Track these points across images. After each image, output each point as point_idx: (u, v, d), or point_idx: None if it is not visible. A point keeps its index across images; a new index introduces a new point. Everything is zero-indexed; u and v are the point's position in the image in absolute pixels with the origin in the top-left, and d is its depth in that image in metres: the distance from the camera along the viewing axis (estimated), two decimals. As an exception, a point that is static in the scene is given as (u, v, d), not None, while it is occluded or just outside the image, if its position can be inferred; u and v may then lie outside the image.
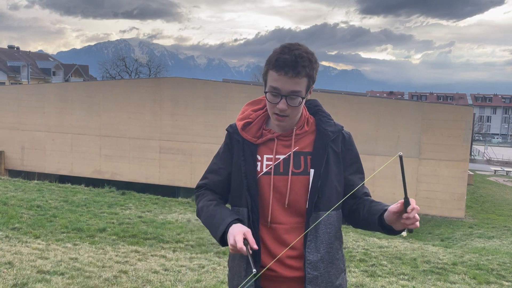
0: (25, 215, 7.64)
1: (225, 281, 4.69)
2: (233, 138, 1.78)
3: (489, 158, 48.44)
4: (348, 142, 1.77)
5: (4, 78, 52.61)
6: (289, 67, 1.57)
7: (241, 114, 1.82)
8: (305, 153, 1.72)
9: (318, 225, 1.66)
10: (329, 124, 1.76)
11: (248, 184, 1.69)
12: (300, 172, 1.69)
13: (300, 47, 1.61)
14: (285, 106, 1.63)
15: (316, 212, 1.66)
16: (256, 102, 1.84)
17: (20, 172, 19.29)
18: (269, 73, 1.64)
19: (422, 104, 18.96)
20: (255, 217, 1.69)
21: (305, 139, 1.74)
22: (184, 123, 18.17)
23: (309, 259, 1.66)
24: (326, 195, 1.67)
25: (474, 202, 18.35)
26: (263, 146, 1.74)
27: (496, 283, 5.47)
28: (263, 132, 1.75)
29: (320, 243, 1.67)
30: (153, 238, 6.79)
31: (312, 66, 1.62)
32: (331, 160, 1.70)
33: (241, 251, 1.54)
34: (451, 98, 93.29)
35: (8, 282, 3.96)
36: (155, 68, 60.40)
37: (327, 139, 1.72)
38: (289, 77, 1.58)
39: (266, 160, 1.72)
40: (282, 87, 1.61)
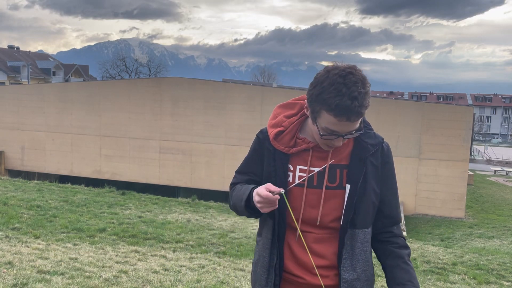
0: (25, 215, 7.64)
1: (225, 281, 4.69)
2: (263, 145, 1.69)
3: (489, 158, 48.43)
4: (386, 155, 1.66)
5: (4, 78, 52.61)
6: (352, 114, 1.43)
7: (272, 119, 1.71)
8: (341, 166, 1.61)
9: (355, 243, 1.59)
10: (369, 136, 1.64)
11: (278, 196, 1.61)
12: (335, 187, 1.59)
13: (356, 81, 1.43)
14: (341, 143, 1.54)
15: (352, 230, 1.58)
16: (289, 106, 1.71)
17: (20, 172, 19.30)
18: (323, 114, 1.47)
19: (422, 104, 18.98)
20: (281, 230, 1.64)
21: (342, 151, 1.62)
22: (184, 123, 18.17)
23: (345, 277, 1.59)
24: (363, 212, 1.58)
25: (474, 202, 18.34)
26: (296, 156, 1.64)
27: (496, 283, 5.47)
28: (297, 141, 1.64)
29: (357, 262, 1.61)
30: (153, 238, 6.79)
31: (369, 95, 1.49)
32: (369, 174, 1.59)
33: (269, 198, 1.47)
34: (451, 98, 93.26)
35: (8, 282, 3.96)
36: (155, 68, 60.44)
37: (367, 153, 1.60)
38: (350, 122, 1.45)
39: (299, 171, 1.62)
40: (342, 130, 1.48)
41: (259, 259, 1.70)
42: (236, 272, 5.13)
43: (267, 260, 1.66)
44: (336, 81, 1.42)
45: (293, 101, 1.71)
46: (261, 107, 17.00)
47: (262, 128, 1.74)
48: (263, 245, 1.69)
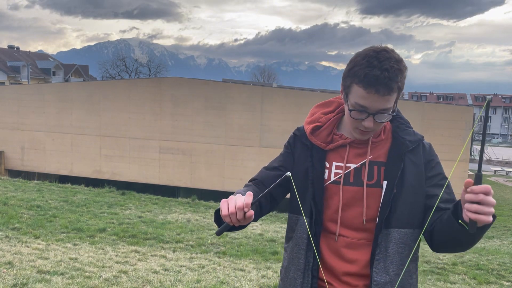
0: (25, 215, 7.64)
1: (225, 281, 4.68)
2: (300, 141, 1.64)
3: (489, 158, 48.43)
4: (429, 153, 1.58)
5: (4, 78, 52.61)
6: (380, 85, 1.38)
7: (309, 117, 1.67)
8: (379, 163, 1.54)
9: (389, 244, 1.49)
10: (408, 133, 1.58)
11: (314, 192, 1.55)
12: (373, 184, 1.52)
13: (389, 57, 1.40)
14: (371, 124, 1.45)
15: (387, 229, 1.49)
16: (327, 105, 1.68)
17: (20, 172, 19.30)
18: (353, 88, 1.44)
19: (422, 104, 18.97)
20: (318, 229, 1.56)
21: (380, 148, 1.56)
22: (184, 123, 18.17)
23: (376, 280, 1.48)
24: (399, 210, 1.49)
25: (474, 202, 18.33)
26: (333, 153, 1.58)
27: (496, 283, 5.47)
28: (333, 137, 1.59)
29: (390, 264, 1.49)
30: (153, 238, 6.79)
31: (403, 76, 1.43)
32: (408, 171, 1.51)
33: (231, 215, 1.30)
34: (451, 98, 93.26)
35: (8, 282, 3.96)
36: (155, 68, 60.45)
37: (404, 149, 1.53)
38: (380, 95, 1.39)
39: (335, 168, 1.56)
40: (371, 105, 1.42)
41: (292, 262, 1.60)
42: (236, 272, 5.13)
43: (302, 262, 1.57)
44: (369, 55, 1.41)
45: (331, 99, 1.70)
46: (261, 107, 17.00)
47: (299, 126, 1.70)
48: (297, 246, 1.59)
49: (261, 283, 4.71)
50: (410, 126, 1.63)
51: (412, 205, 1.51)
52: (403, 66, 1.42)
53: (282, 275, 1.68)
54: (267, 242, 7.23)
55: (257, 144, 16.64)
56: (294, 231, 1.62)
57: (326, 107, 1.68)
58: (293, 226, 1.62)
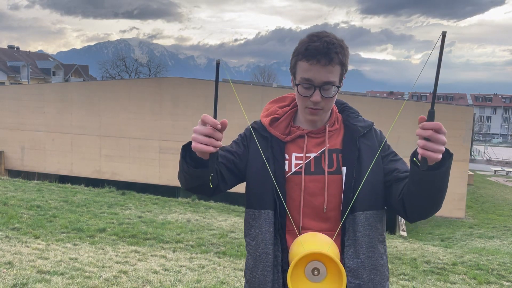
0: (25, 215, 7.64)
1: (225, 281, 4.68)
2: (258, 134, 1.62)
3: (489, 158, 48.44)
4: (380, 136, 1.65)
5: (4, 78, 52.63)
6: (321, 55, 1.44)
7: (265, 111, 1.69)
8: (336, 150, 1.57)
9: (356, 227, 1.50)
10: (358, 120, 1.65)
11: (277, 185, 1.52)
12: (333, 171, 1.54)
13: (328, 34, 1.49)
14: (319, 98, 1.49)
15: (352, 214, 1.50)
16: (281, 100, 1.71)
17: (20, 172, 19.30)
18: (298, 65, 1.50)
19: (422, 104, 18.97)
20: (283, 222, 1.53)
21: (336, 137, 1.61)
22: (184, 123, 18.17)
23: (348, 265, 1.48)
24: (361, 193, 1.50)
25: (474, 202, 18.35)
26: (292, 144, 1.60)
27: (496, 283, 5.47)
28: (291, 129, 1.61)
29: (360, 247, 1.49)
30: (153, 238, 6.79)
31: (344, 52, 1.49)
32: (364, 155, 1.55)
33: (208, 123, 1.39)
34: (451, 98, 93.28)
35: (8, 282, 3.96)
36: (155, 68, 60.44)
37: (357, 134, 1.58)
38: (322, 65, 1.45)
39: (295, 158, 1.57)
40: (315, 77, 1.47)
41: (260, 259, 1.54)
42: (236, 272, 5.13)
43: (271, 257, 1.52)
44: (310, 34, 1.51)
45: (285, 95, 1.72)
46: (261, 107, 16.90)
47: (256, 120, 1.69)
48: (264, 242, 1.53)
49: (261, 283, 4.71)
50: (360, 115, 1.69)
51: (373, 187, 1.53)
52: (344, 44, 1.50)
53: (248, 277, 1.61)
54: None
55: (257, 144, 16.62)
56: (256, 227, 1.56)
57: (281, 102, 1.71)
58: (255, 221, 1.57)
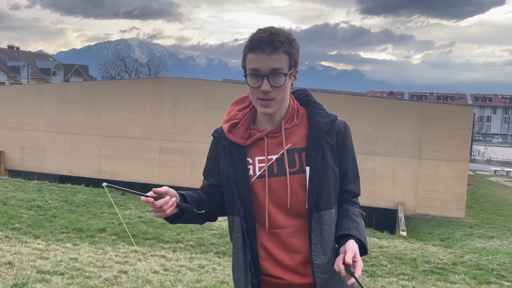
0: (25, 215, 7.64)
1: (225, 281, 4.69)
2: (219, 143, 1.66)
3: (489, 158, 48.44)
4: (343, 134, 1.64)
5: (4, 78, 52.62)
6: (265, 44, 1.47)
7: (226, 116, 1.70)
8: (298, 149, 1.59)
9: (322, 226, 1.55)
10: (321, 115, 1.63)
11: (239, 191, 1.58)
12: (296, 171, 1.57)
13: (275, 28, 1.53)
14: (268, 87, 1.50)
15: (318, 212, 1.55)
16: (241, 101, 1.72)
17: (20, 172, 19.30)
18: (246, 58, 1.53)
19: (422, 104, 18.97)
20: (250, 226, 1.60)
21: (297, 134, 1.61)
22: (184, 123, 18.17)
23: (317, 262, 1.55)
24: (325, 192, 1.56)
25: (474, 202, 18.34)
26: (254, 147, 1.61)
27: (496, 283, 5.47)
28: (251, 132, 1.62)
29: (326, 245, 1.56)
30: (153, 238, 6.79)
31: (291, 44, 1.51)
32: (327, 154, 1.58)
33: (147, 202, 1.51)
34: (451, 98, 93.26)
35: (8, 282, 3.96)
36: (155, 68, 60.42)
37: (321, 132, 1.59)
38: (266, 54, 1.48)
39: (258, 162, 1.59)
40: (261, 66, 1.49)
41: (234, 262, 1.67)
42: (236, 272, 5.13)
43: (242, 260, 1.61)
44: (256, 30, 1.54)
45: (245, 95, 1.71)
46: (261, 107, 17.01)
47: (217, 128, 1.72)
48: (235, 246, 1.65)
49: (261, 283, 4.71)
50: (323, 109, 1.68)
51: (334, 186, 1.61)
52: (291, 37, 1.53)
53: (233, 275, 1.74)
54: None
55: (257, 144, 16.62)
56: (232, 231, 1.67)
57: (241, 103, 1.71)
58: (231, 225, 1.67)
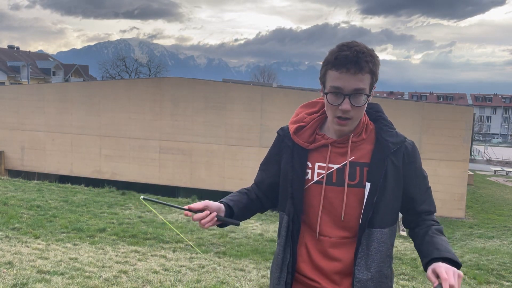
0: (25, 215, 7.64)
1: (225, 281, 4.69)
2: (283, 142, 1.69)
3: (489, 158, 48.45)
4: (411, 154, 1.62)
5: (4, 78, 52.62)
6: (351, 63, 1.46)
7: (294, 117, 1.71)
8: (361, 163, 1.59)
9: (371, 243, 1.57)
10: (391, 134, 1.62)
11: (293, 192, 1.62)
12: (355, 184, 1.58)
13: (359, 44, 1.50)
14: (349, 106, 1.50)
15: (370, 229, 1.56)
16: (311, 105, 1.73)
17: (20, 172, 19.30)
18: (328, 74, 1.52)
19: (422, 104, 18.97)
20: (296, 227, 1.64)
21: (362, 148, 1.61)
22: (184, 123, 18.17)
23: (358, 277, 1.56)
24: (381, 211, 1.56)
25: (474, 202, 18.34)
26: (316, 153, 1.63)
27: (496, 283, 5.47)
28: (316, 137, 1.64)
29: (372, 262, 1.57)
30: (153, 238, 6.79)
31: (375, 61, 1.51)
32: (390, 174, 1.57)
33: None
34: (451, 98, 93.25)
35: (8, 282, 3.96)
36: (155, 68, 60.44)
37: (387, 151, 1.58)
38: (351, 73, 1.47)
39: (318, 168, 1.61)
40: (344, 85, 1.48)
41: (275, 257, 1.71)
42: (236, 272, 5.13)
43: (280, 257, 1.65)
44: (339, 45, 1.52)
45: (316, 100, 1.74)
46: (261, 107, 17.00)
47: (283, 126, 1.74)
48: (279, 244, 1.69)
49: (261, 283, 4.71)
50: (394, 128, 1.67)
51: (392, 206, 1.60)
52: (374, 54, 1.52)
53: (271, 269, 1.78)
54: (267, 242, 7.24)
55: (257, 144, 16.63)
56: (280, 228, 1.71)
57: (311, 108, 1.72)
58: (280, 223, 1.71)
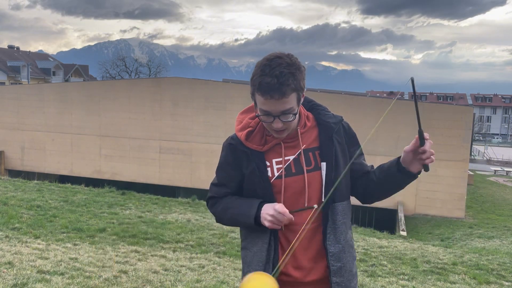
0: (25, 215, 7.64)
1: (225, 281, 4.68)
2: (238, 150, 1.73)
3: (489, 158, 48.44)
4: (348, 131, 1.79)
5: (4, 78, 52.60)
6: (274, 91, 1.52)
7: (238, 125, 1.77)
8: (312, 148, 1.70)
9: (336, 217, 1.67)
10: (329, 116, 1.76)
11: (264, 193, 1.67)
12: (312, 169, 1.67)
13: (281, 62, 1.53)
14: (280, 124, 1.60)
15: (333, 204, 1.66)
16: (251, 110, 1.78)
17: (20, 172, 19.29)
18: (255, 96, 1.60)
19: (422, 104, 18.97)
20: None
21: (309, 135, 1.72)
22: (184, 123, 18.17)
23: (331, 251, 1.66)
24: (340, 185, 1.66)
25: (474, 202, 18.34)
26: (271, 152, 1.70)
27: (496, 283, 5.47)
28: (267, 138, 1.71)
29: (340, 234, 1.67)
30: (153, 238, 6.79)
31: (297, 78, 1.55)
32: (338, 150, 1.70)
33: (286, 216, 1.57)
34: (451, 98, 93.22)
35: (8, 282, 3.96)
36: (155, 68, 60.41)
37: (331, 131, 1.71)
38: (276, 99, 1.53)
39: (275, 164, 1.69)
40: (271, 109, 1.56)
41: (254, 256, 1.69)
42: (236, 272, 5.13)
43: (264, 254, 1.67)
44: (262, 63, 1.56)
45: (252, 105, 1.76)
46: (261, 107, 17.01)
47: (231, 135, 1.79)
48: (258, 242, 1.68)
49: (261, 283, 4.70)
50: (329, 111, 1.80)
51: (346, 180, 1.73)
52: (295, 69, 1.55)
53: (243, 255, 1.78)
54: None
55: (257, 144, 16.60)
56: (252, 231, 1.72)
57: (252, 112, 1.76)
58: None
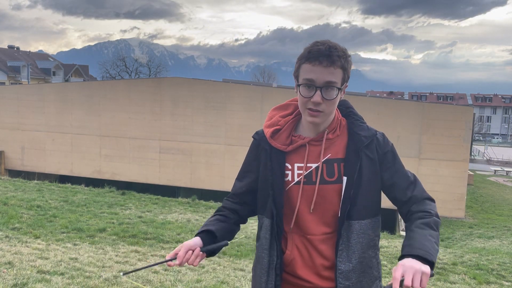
0: (25, 215, 7.64)
1: (225, 281, 4.69)
2: (259, 146, 1.71)
3: (489, 158, 48.44)
4: (382, 145, 1.67)
5: (4, 78, 52.60)
6: (323, 56, 1.52)
7: (268, 121, 1.74)
8: (338, 160, 1.64)
9: (351, 234, 1.61)
10: (362, 128, 1.68)
11: (274, 195, 1.64)
12: (334, 181, 1.62)
13: (331, 42, 1.58)
14: (320, 98, 1.54)
15: (348, 221, 1.60)
16: (284, 107, 1.75)
17: (20, 172, 19.29)
18: (301, 68, 1.57)
19: (422, 104, 18.97)
20: (280, 229, 1.66)
21: (337, 144, 1.66)
22: (184, 123, 18.16)
23: (340, 268, 1.61)
24: (359, 203, 1.61)
25: (474, 202, 18.35)
26: (294, 154, 1.66)
27: (496, 283, 5.47)
28: (292, 138, 1.67)
29: (352, 253, 1.61)
30: (153, 238, 6.79)
31: (347, 59, 1.57)
32: (365, 166, 1.62)
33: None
34: (451, 98, 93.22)
35: (8, 282, 3.96)
36: (155, 68, 60.40)
37: (360, 145, 1.63)
38: (323, 66, 1.52)
39: (297, 169, 1.65)
40: (316, 77, 1.53)
41: (258, 260, 1.72)
42: (236, 272, 5.13)
43: (266, 261, 1.66)
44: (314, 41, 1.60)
45: (287, 102, 1.76)
46: (261, 107, 17.00)
47: (258, 130, 1.76)
48: (261, 246, 1.70)
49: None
50: (364, 122, 1.72)
51: (370, 197, 1.64)
52: (348, 53, 1.59)
53: (253, 273, 1.79)
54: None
55: (257, 144, 16.60)
56: (260, 231, 1.73)
57: (284, 110, 1.74)
58: (260, 225, 1.73)
